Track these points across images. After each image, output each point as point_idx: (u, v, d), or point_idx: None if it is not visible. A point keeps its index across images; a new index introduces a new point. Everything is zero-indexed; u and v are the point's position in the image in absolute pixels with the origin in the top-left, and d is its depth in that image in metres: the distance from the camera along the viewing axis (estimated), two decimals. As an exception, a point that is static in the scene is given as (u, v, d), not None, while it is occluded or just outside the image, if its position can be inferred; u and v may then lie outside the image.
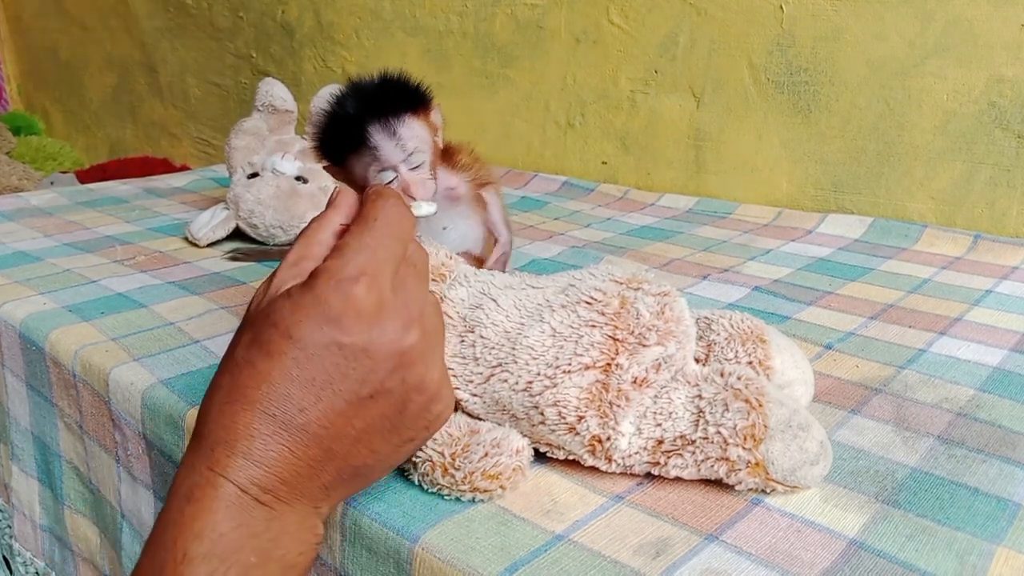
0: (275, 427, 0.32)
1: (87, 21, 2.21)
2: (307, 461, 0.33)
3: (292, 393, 0.33)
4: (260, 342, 0.33)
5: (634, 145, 1.19)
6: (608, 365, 0.41)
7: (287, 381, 0.33)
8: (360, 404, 0.34)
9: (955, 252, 0.85)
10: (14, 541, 0.75)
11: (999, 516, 0.39)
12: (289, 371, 0.33)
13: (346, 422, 0.34)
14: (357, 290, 0.33)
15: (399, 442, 0.36)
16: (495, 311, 0.43)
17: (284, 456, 0.33)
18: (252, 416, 0.32)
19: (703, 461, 0.40)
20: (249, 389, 0.33)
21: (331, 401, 0.33)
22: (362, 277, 0.34)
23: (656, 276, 0.45)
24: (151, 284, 0.74)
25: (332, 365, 0.33)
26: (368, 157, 0.52)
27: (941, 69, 0.91)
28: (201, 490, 0.31)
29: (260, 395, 0.33)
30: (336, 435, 0.34)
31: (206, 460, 0.32)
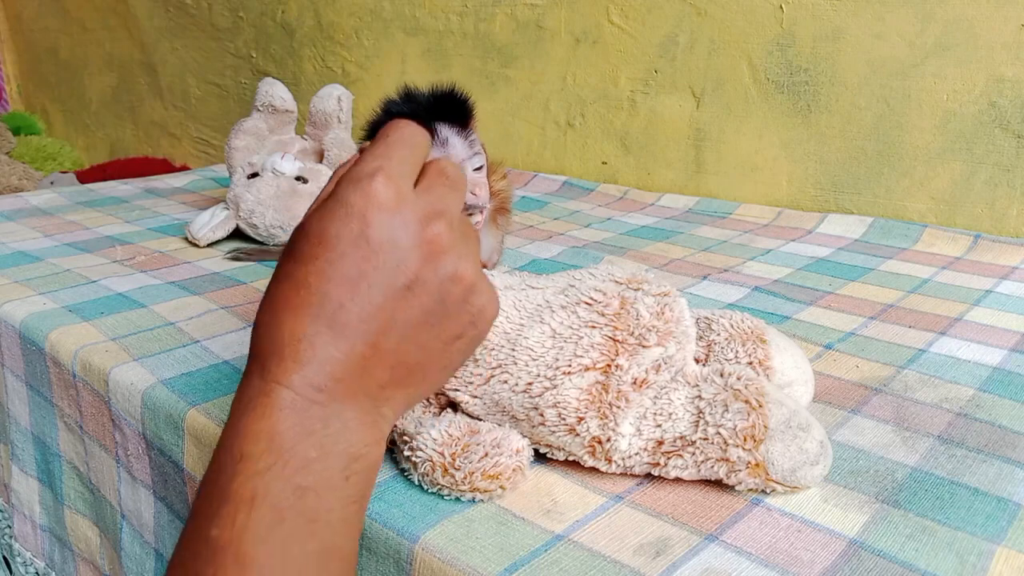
0: (318, 327, 0.33)
1: (87, 21, 2.21)
2: (355, 358, 0.34)
3: (329, 292, 0.33)
4: (294, 253, 0.34)
5: (634, 145, 1.19)
6: (608, 366, 0.41)
7: (323, 282, 0.34)
8: (398, 296, 0.35)
9: (955, 252, 0.85)
10: (14, 541, 0.75)
11: (999, 516, 0.39)
12: (323, 272, 0.34)
13: (387, 316, 0.34)
14: (375, 185, 0.34)
15: (447, 338, 0.37)
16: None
17: (331, 355, 0.33)
18: (295, 322, 0.33)
19: (703, 462, 0.40)
20: (290, 298, 0.34)
21: (368, 295, 0.34)
22: (378, 173, 0.35)
23: (656, 276, 0.45)
24: (151, 284, 0.74)
25: (362, 259, 0.34)
26: (436, 152, 0.51)
27: (941, 69, 0.91)
28: (256, 400, 0.32)
29: (300, 300, 0.33)
30: (379, 330, 0.34)
31: (259, 373, 0.33)
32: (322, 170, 0.92)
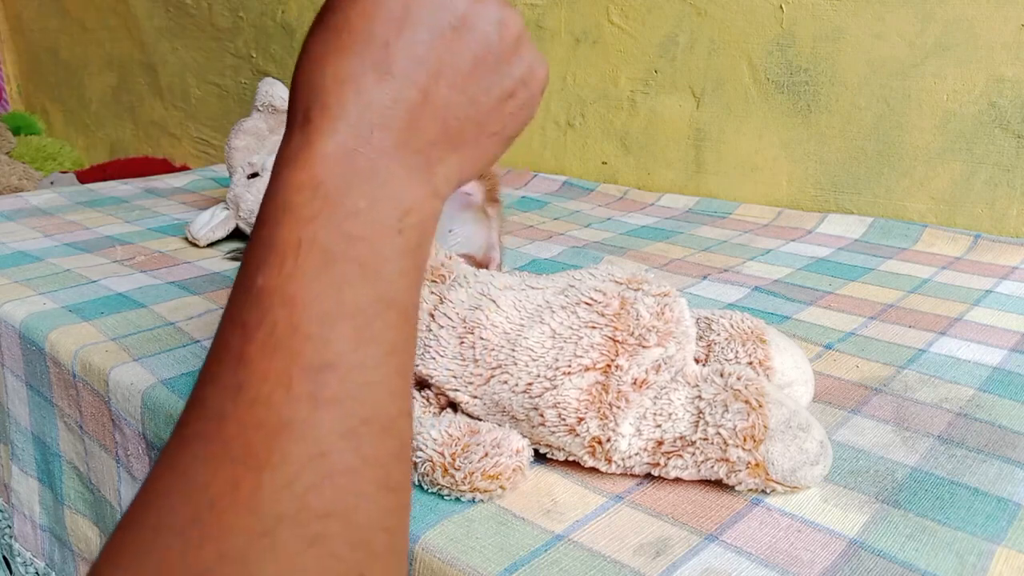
0: (362, 68, 0.31)
1: (87, 21, 2.21)
2: (403, 104, 0.32)
3: (374, 30, 0.31)
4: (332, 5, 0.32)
5: (634, 145, 1.19)
6: (608, 366, 0.41)
7: (365, 21, 0.31)
8: (443, 37, 0.33)
9: (955, 252, 0.85)
10: (14, 541, 0.75)
11: (999, 516, 0.39)
12: (366, 11, 0.32)
13: (435, 57, 0.33)
14: None
15: (499, 95, 0.35)
16: (495, 312, 0.43)
17: (377, 99, 0.31)
18: (337, 65, 0.31)
19: (703, 462, 0.40)
20: (330, 42, 0.31)
21: (412, 32, 0.32)
22: None
23: (656, 276, 0.45)
24: (151, 284, 0.74)
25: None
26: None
27: (941, 69, 0.91)
28: (298, 152, 0.30)
29: (341, 43, 0.31)
30: (428, 73, 0.32)
31: (300, 126, 0.31)
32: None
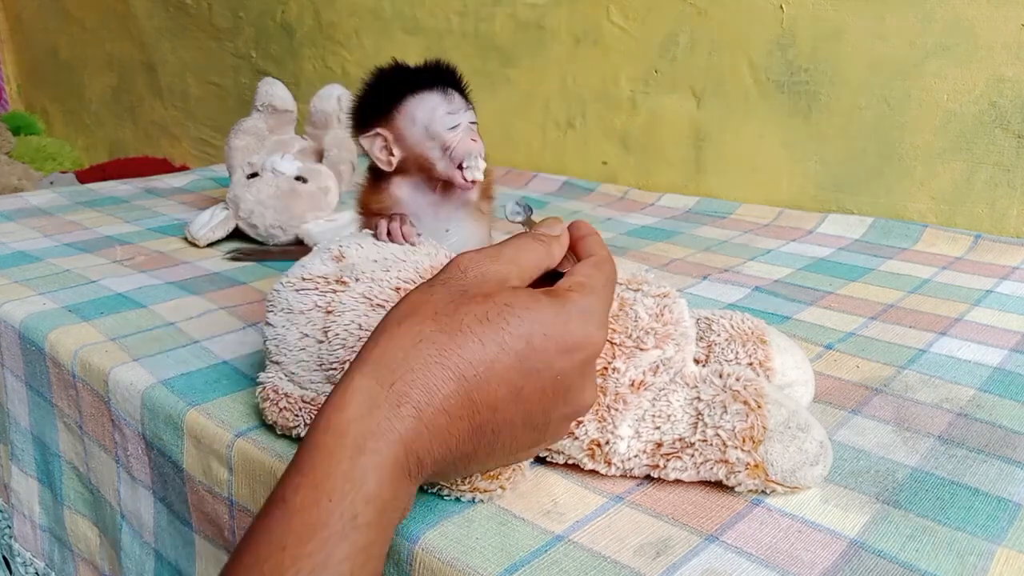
0: (465, 411, 0.32)
1: (87, 21, 2.21)
2: (458, 453, 0.33)
3: (500, 392, 0.32)
4: (496, 326, 0.33)
5: (634, 145, 1.19)
6: (605, 369, 0.41)
7: (503, 377, 0.33)
8: (527, 428, 0.35)
9: (955, 252, 0.85)
10: (14, 541, 0.75)
11: (999, 516, 0.39)
12: (510, 368, 0.33)
13: (506, 436, 0.34)
14: (598, 337, 0.35)
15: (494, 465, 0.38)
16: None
17: (450, 441, 0.32)
18: (456, 390, 0.32)
19: (702, 464, 0.40)
20: (468, 365, 0.32)
21: (516, 414, 0.34)
22: (604, 327, 0.36)
23: (656, 276, 0.45)
24: (151, 284, 0.74)
25: (541, 387, 0.34)
26: (437, 98, 0.52)
27: (941, 69, 0.91)
28: (376, 442, 0.30)
29: (474, 375, 0.32)
30: (491, 443, 0.34)
31: (390, 409, 0.31)
32: (322, 170, 0.92)
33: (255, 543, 0.29)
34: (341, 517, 0.29)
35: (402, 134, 0.52)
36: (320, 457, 0.30)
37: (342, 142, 0.96)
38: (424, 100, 0.52)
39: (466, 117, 0.53)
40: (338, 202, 0.93)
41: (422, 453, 0.31)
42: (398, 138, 0.53)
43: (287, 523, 0.29)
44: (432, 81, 0.52)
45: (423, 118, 0.52)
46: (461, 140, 0.52)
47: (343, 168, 0.95)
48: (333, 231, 0.86)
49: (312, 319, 0.46)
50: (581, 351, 0.34)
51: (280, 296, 0.48)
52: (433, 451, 0.32)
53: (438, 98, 0.52)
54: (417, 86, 0.52)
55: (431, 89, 0.52)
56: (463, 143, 0.52)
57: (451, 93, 0.53)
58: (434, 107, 0.52)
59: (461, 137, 0.52)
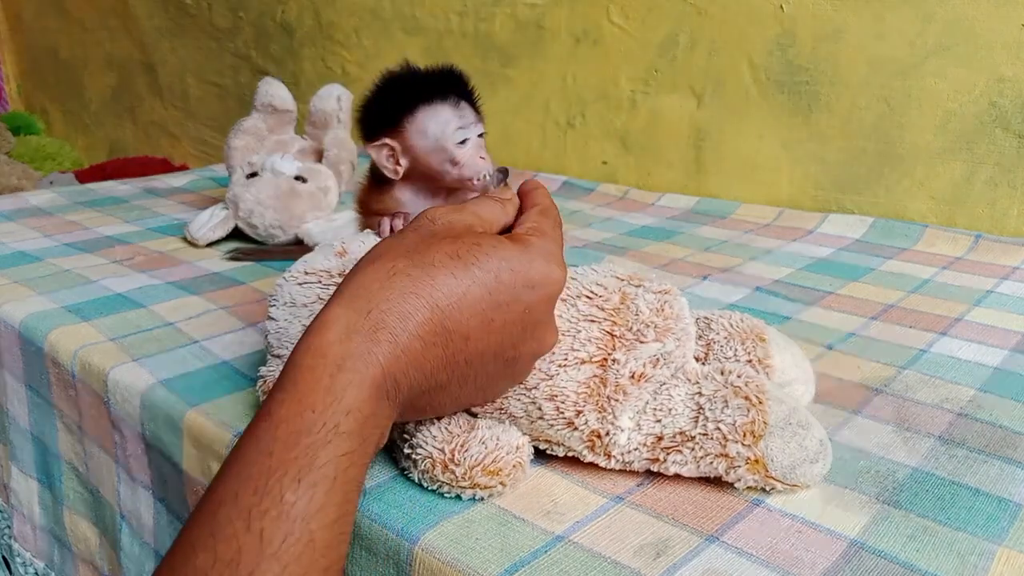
0: (438, 338, 0.34)
1: (87, 21, 2.21)
2: (433, 381, 0.35)
3: (471, 321, 0.35)
4: (466, 261, 0.35)
5: (634, 145, 1.19)
6: (605, 360, 0.41)
7: (474, 307, 0.35)
8: (497, 361, 0.37)
9: (956, 252, 0.85)
10: (13, 541, 0.75)
11: (1000, 516, 0.39)
12: (480, 300, 0.35)
13: (478, 368, 0.36)
14: (559, 275, 0.38)
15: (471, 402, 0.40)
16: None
17: (426, 367, 0.34)
18: (429, 317, 0.34)
19: (702, 458, 0.40)
20: (440, 294, 0.34)
21: (487, 345, 0.36)
22: (563, 266, 0.38)
23: (657, 276, 0.45)
24: (150, 284, 0.74)
25: (511, 320, 0.36)
26: (449, 112, 0.51)
27: (941, 69, 0.91)
28: (354, 362, 0.32)
29: (447, 304, 0.34)
30: (464, 374, 0.36)
31: (367, 335, 0.33)
32: (322, 170, 0.92)
33: (243, 452, 0.31)
34: (324, 426, 0.30)
35: (411, 145, 0.52)
36: (302, 375, 0.32)
37: (342, 142, 0.96)
38: (436, 112, 0.51)
39: (475, 131, 0.52)
40: (338, 202, 0.93)
41: (399, 376, 0.33)
42: (407, 149, 0.52)
43: (272, 432, 0.30)
44: (443, 91, 0.51)
45: (434, 131, 0.51)
46: (471, 157, 0.51)
47: (343, 168, 0.95)
48: (333, 231, 0.86)
49: (315, 312, 0.46)
50: (545, 286, 0.37)
51: (283, 290, 0.48)
52: (409, 375, 0.34)
53: (449, 111, 0.51)
54: (428, 96, 0.51)
55: (443, 100, 0.51)
56: (472, 161, 0.51)
57: (462, 105, 0.52)
58: (446, 121, 0.51)
59: (471, 154, 0.51)
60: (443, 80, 0.52)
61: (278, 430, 0.30)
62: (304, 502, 0.29)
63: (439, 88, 0.51)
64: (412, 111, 0.51)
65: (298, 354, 0.33)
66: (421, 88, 0.52)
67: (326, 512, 0.30)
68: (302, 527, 0.29)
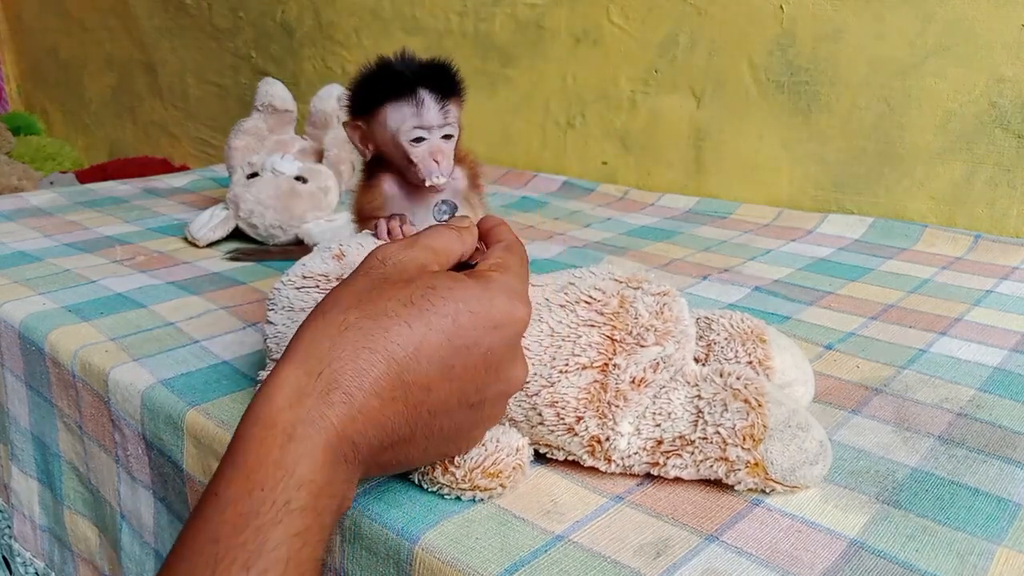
0: (397, 392, 0.32)
1: (87, 21, 2.21)
2: (395, 436, 0.33)
3: (430, 371, 0.33)
4: (421, 308, 0.33)
5: (634, 145, 1.19)
6: (605, 365, 0.41)
7: (432, 356, 0.33)
8: (463, 407, 0.35)
9: (955, 252, 0.85)
10: (14, 541, 0.75)
11: (999, 516, 0.39)
12: (440, 350, 0.33)
13: (444, 418, 0.35)
14: (522, 312, 0.36)
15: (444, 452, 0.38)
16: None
17: (386, 424, 0.32)
18: (385, 372, 0.32)
19: (702, 461, 0.40)
20: (396, 347, 0.32)
21: (450, 393, 0.34)
22: (526, 302, 0.37)
23: (656, 276, 0.45)
24: (151, 284, 0.74)
25: (472, 364, 0.34)
26: (409, 111, 0.52)
27: (941, 69, 0.91)
28: (305, 428, 0.30)
29: (403, 356, 0.32)
30: (429, 425, 0.34)
31: (319, 397, 0.31)
32: (322, 170, 0.92)
33: (190, 538, 0.29)
34: (273, 505, 0.29)
35: (374, 134, 0.54)
36: (250, 448, 0.30)
37: (342, 142, 0.96)
38: (397, 108, 0.53)
39: (438, 133, 0.53)
40: (338, 202, 0.93)
41: (356, 438, 0.31)
42: (371, 136, 0.54)
43: (220, 516, 0.29)
44: (414, 88, 0.52)
45: (392, 126, 0.53)
46: (423, 158, 0.53)
47: (343, 168, 0.95)
48: (333, 231, 0.86)
49: None
50: (507, 326, 0.35)
51: (281, 294, 0.48)
52: (368, 435, 0.32)
53: (409, 109, 0.52)
54: (398, 90, 0.53)
55: (408, 98, 0.52)
56: (424, 162, 0.53)
57: (426, 104, 0.53)
58: (403, 118, 0.52)
59: (423, 155, 0.52)
60: (424, 76, 0.53)
61: (225, 513, 0.29)
62: None
63: (412, 84, 0.52)
64: (382, 102, 0.53)
65: (246, 425, 0.31)
66: (395, 81, 0.53)
67: None
68: None
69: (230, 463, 0.30)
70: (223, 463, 0.31)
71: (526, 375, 0.38)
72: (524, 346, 0.42)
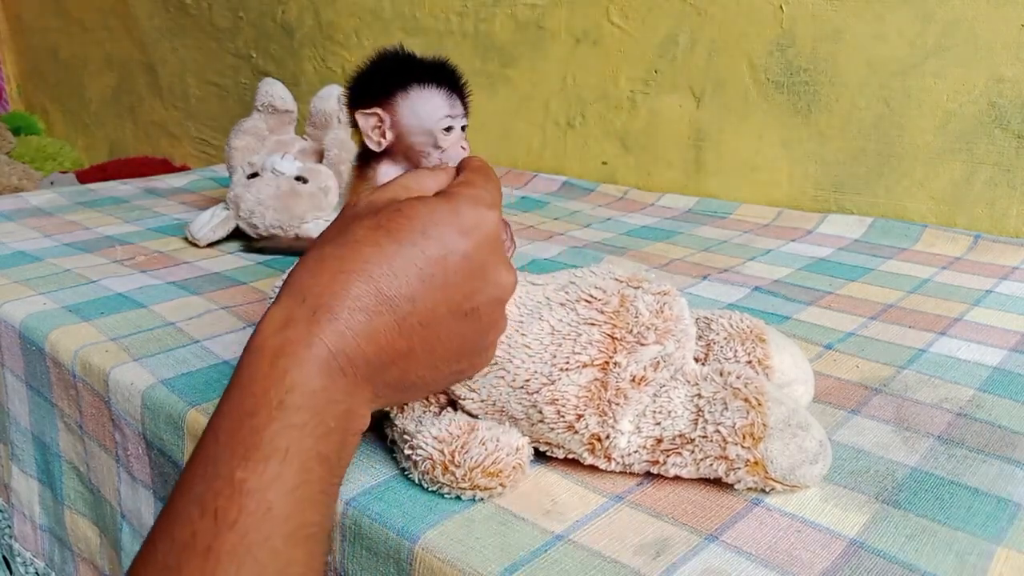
0: (382, 306, 0.34)
1: (87, 21, 2.21)
2: (392, 350, 0.34)
3: (410, 282, 0.34)
4: (388, 228, 0.35)
5: (634, 145, 1.19)
6: (606, 363, 0.41)
7: (408, 268, 0.34)
8: (456, 316, 0.36)
9: (955, 252, 0.85)
10: (14, 541, 0.75)
11: (999, 516, 0.39)
12: (414, 261, 0.34)
13: (439, 328, 0.35)
14: (492, 216, 0.37)
15: (457, 369, 0.38)
16: (495, 311, 0.43)
17: (378, 337, 0.34)
18: (365, 289, 0.33)
19: (702, 460, 0.40)
20: (370, 264, 0.34)
21: (437, 302, 0.35)
22: (495, 208, 0.37)
23: (656, 276, 0.45)
24: (151, 284, 0.74)
25: (452, 271, 0.35)
26: (441, 100, 0.53)
27: (941, 69, 0.91)
28: (294, 346, 0.32)
29: (380, 272, 0.34)
30: (425, 338, 0.35)
31: (304, 321, 0.33)
32: (322, 170, 0.92)
33: (198, 446, 0.32)
34: (267, 404, 0.31)
35: (399, 121, 0.53)
36: (243, 370, 0.32)
37: (343, 142, 0.96)
38: (429, 96, 0.53)
39: (460, 122, 0.54)
40: (338, 202, 0.93)
41: (349, 351, 0.33)
42: (394, 124, 0.54)
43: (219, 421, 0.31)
44: (439, 78, 0.53)
45: (424, 113, 0.53)
46: (452, 145, 0.53)
47: (343, 168, 0.95)
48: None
49: None
50: (478, 229, 0.36)
51: None
52: (361, 347, 0.33)
53: (442, 98, 0.53)
54: (425, 77, 0.53)
55: (438, 86, 0.53)
56: (454, 149, 0.53)
57: (454, 97, 0.54)
58: (437, 106, 0.53)
59: (453, 142, 0.53)
60: (439, 68, 0.54)
61: (223, 419, 0.31)
62: (255, 476, 0.29)
63: (435, 74, 0.53)
64: (406, 88, 0.53)
65: (241, 355, 0.33)
66: (419, 69, 0.53)
67: (282, 481, 0.30)
68: (258, 498, 0.29)
69: (229, 384, 0.32)
70: (223, 395, 0.33)
71: (515, 280, 0.39)
72: (525, 343, 0.42)
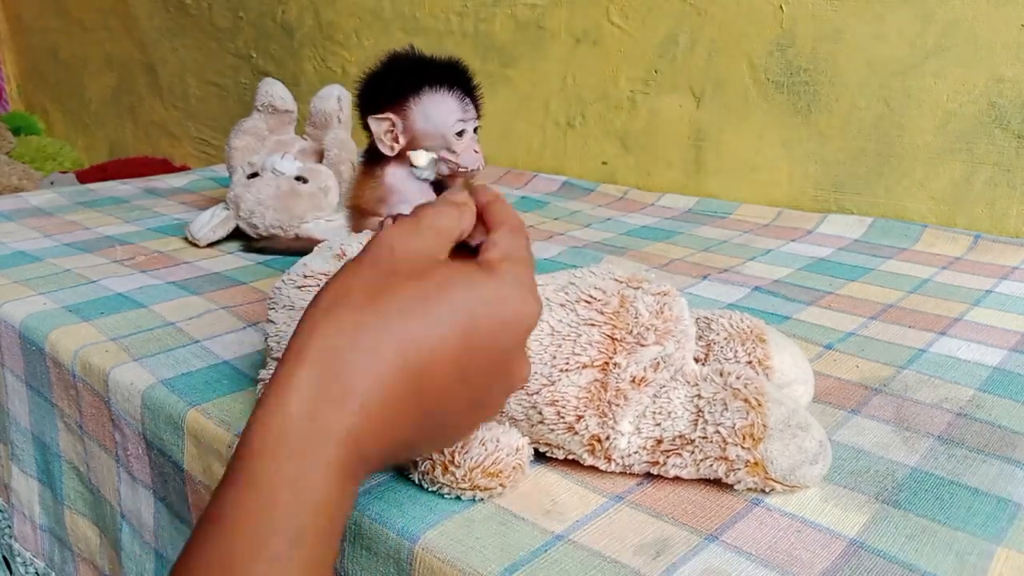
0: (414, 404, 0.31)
1: (87, 21, 2.21)
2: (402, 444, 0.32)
3: (447, 374, 0.31)
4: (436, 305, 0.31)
5: (634, 145, 1.19)
6: (606, 364, 0.41)
7: (447, 359, 0.31)
8: (470, 408, 0.34)
9: (955, 252, 0.85)
10: (14, 541, 0.75)
11: (999, 516, 0.39)
12: (456, 351, 0.31)
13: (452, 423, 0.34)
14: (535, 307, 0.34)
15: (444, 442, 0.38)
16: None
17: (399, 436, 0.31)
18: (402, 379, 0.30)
19: (702, 460, 0.40)
20: (411, 348, 0.30)
21: (461, 401, 0.33)
22: (534, 293, 0.34)
23: (656, 276, 0.45)
24: (151, 284, 0.74)
25: (485, 367, 0.33)
26: (455, 103, 0.53)
27: (941, 69, 0.91)
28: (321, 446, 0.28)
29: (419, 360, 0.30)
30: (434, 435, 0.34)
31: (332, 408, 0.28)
32: (322, 170, 0.92)
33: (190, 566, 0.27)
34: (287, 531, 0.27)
35: (412, 126, 0.53)
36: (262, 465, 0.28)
37: (343, 142, 0.96)
38: (442, 100, 0.53)
39: (472, 125, 0.54)
40: (338, 202, 0.93)
41: (366, 451, 0.29)
42: (407, 128, 0.54)
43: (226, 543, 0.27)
44: (451, 81, 0.53)
45: (437, 118, 0.53)
46: (466, 149, 0.53)
47: (343, 168, 0.95)
48: (333, 231, 0.86)
49: None
50: (521, 323, 0.33)
51: (282, 294, 0.48)
52: (382, 447, 0.30)
53: (455, 102, 0.53)
54: (437, 82, 0.53)
55: (450, 90, 0.53)
56: (468, 153, 0.53)
57: (466, 100, 0.53)
58: (450, 111, 0.53)
59: (466, 146, 0.53)
60: (451, 71, 0.53)
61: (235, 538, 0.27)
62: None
63: (447, 77, 0.53)
64: (419, 93, 0.53)
65: (254, 432, 0.28)
66: (431, 73, 0.53)
67: None
68: None
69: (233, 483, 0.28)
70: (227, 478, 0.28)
71: (529, 372, 0.36)
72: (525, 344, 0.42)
